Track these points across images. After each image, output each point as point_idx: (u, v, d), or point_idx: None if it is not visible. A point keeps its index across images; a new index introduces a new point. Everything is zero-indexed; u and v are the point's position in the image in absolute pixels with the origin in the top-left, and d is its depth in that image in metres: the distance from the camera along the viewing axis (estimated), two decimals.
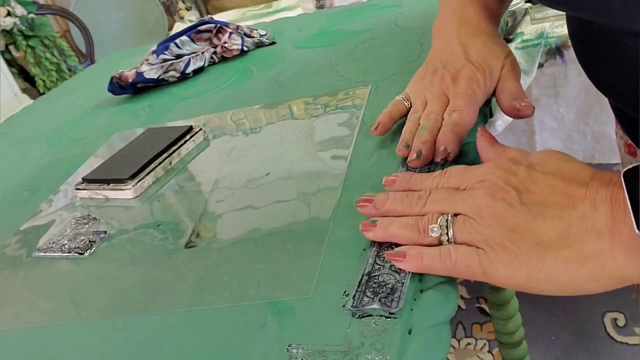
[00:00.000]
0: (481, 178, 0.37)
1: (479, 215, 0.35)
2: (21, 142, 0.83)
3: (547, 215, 0.33)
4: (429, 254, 0.36)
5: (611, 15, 0.37)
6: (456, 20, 0.54)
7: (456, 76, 0.50)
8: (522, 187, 0.35)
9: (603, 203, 0.32)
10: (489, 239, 0.34)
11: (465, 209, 0.37)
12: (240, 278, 0.41)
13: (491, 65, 0.50)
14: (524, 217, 0.34)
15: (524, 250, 0.33)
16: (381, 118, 0.51)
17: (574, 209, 0.33)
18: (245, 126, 0.65)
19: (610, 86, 0.49)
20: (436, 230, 0.37)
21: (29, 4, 2.27)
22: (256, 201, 0.50)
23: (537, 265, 0.32)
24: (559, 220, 0.33)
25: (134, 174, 0.58)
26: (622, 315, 1.30)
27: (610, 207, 0.32)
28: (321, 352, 0.33)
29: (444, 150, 0.45)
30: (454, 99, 0.49)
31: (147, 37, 2.86)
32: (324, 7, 1.55)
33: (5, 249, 0.55)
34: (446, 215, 0.37)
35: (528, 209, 0.34)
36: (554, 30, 1.24)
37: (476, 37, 0.52)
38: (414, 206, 0.39)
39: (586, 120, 1.26)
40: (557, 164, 0.36)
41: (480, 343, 1.35)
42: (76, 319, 0.43)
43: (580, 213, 0.33)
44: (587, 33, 0.48)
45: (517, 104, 0.48)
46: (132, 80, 0.84)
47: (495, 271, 0.33)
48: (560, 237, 0.32)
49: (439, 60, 0.53)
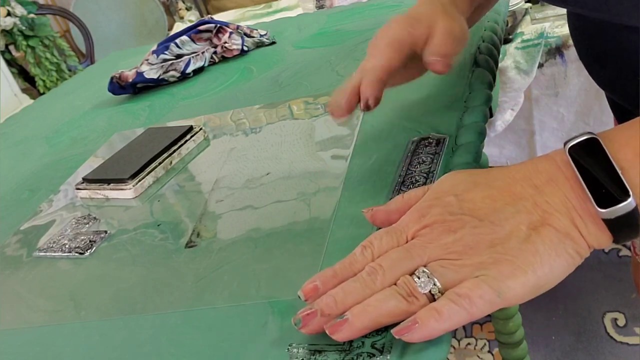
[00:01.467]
0: (421, 224, 0.35)
1: (453, 253, 0.33)
2: (21, 142, 0.83)
3: (508, 216, 0.33)
4: (442, 304, 0.31)
5: (609, 10, 0.37)
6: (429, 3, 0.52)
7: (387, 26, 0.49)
8: (467, 211, 0.34)
9: (546, 185, 0.33)
10: (480, 264, 0.32)
11: (433, 255, 0.33)
12: (240, 278, 0.41)
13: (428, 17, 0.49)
14: (492, 230, 0.33)
15: (515, 253, 0.32)
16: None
17: (523, 199, 0.33)
18: (245, 126, 0.65)
19: (611, 81, 0.49)
20: (424, 284, 0.32)
21: (29, 4, 2.27)
22: (256, 201, 0.50)
23: (535, 259, 0.32)
24: (519, 214, 0.33)
25: (134, 174, 0.58)
26: (622, 315, 1.30)
27: (556, 186, 0.33)
28: (321, 352, 0.33)
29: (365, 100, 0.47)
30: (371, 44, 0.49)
31: (147, 37, 2.86)
32: (324, 7, 1.55)
33: (5, 249, 0.55)
34: (419, 269, 0.33)
35: (489, 221, 0.33)
36: (554, 30, 1.24)
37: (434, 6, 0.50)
38: (373, 284, 0.33)
39: (586, 120, 1.26)
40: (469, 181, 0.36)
41: (480, 343, 1.35)
42: (76, 318, 0.43)
43: (531, 202, 0.33)
44: (588, 28, 0.48)
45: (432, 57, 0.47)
46: (132, 80, 0.84)
47: (507, 287, 0.31)
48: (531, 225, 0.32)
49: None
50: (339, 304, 0.33)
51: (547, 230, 0.32)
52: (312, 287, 0.35)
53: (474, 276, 0.32)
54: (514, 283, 0.31)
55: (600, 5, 0.37)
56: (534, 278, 0.32)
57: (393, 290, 0.33)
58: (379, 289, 0.33)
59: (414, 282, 0.33)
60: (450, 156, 0.48)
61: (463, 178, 0.36)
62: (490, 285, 0.31)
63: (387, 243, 0.35)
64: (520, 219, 0.33)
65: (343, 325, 0.32)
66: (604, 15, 0.38)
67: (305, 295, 0.35)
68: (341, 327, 0.32)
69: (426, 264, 0.33)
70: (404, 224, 0.36)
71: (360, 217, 0.43)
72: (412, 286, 0.32)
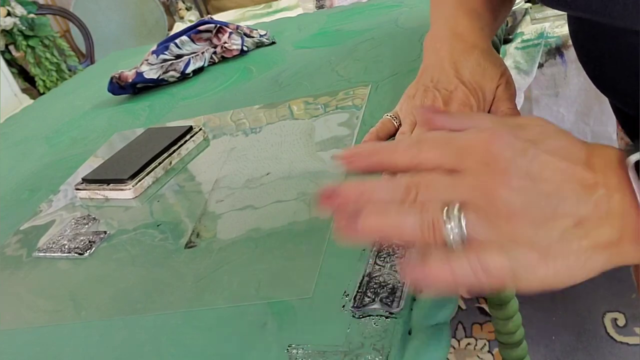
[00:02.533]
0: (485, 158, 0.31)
1: (496, 209, 0.30)
2: (21, 142, 0.83)
3: (566, 206, 0.31)
4: (458, 266, 0.30)
5: (611, 15, 0.37)
6: (449, 34, 0.52)
7: (448, 99, 0.48)
8: (535, 172, 0.31)
9: (617, 191, 0.31)
10: (512, 239, 0.30)
11: (476, 199, 0.31)
12: (240, 278, 0.41)
13: (484, 87, 0.48)
14: (543, 211, 0.31)
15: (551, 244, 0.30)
16: (367, 137, 0.49)
17: (589, 196, 0.31)
18: (245, 126, 0.65)
19: (611, 85, 0.49)
20: (451, 232, 0.30)
21: (29, 4, 2.27)
22: (256, 201, 0.50)
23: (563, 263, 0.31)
24: (577, 207, 0.31)
25: (134, 174, 0.58)
26: (622, 315, 1.30)
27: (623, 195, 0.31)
28: (321, 353, 0.33)
29: None
30: None
31: (147, 37, 2.86)
32: (324, 7, 1.55)
33: (5, 249, 0.55)
34: (453, 207, 0.31)
35: (547, 200, 0.31)
36: (554, 30, 1.24)
37: (469, 55, 0.50)
38: (405, 195, 0.32)
39: (586, 120, 1.26)
40: (556, 139, 0.33)
41: (480, 343, 1.35)
42: (76, 318, 0.43)
43: (594, 202, 0.31)
44: (588, 31, 0.48)
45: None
46: (132, 80, 0.84)
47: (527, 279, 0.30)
48: (579, 226, 0.31)
49: (429, 79, 0.50)
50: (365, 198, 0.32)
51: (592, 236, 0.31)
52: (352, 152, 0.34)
53: (502, 248, 0.30)
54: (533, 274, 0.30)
55: (602, 9, 0.37)
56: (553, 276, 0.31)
57: (417, 211, 0.31)
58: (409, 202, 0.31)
59: (442, 221, 0.31)
60: None
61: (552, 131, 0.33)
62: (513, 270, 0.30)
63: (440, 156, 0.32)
64: (577, 213, 0.31)
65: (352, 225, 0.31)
66: (606, 19, 0.38)
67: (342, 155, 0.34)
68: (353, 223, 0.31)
69: (465, 203, 0.31)
70: (465, 146, 0.32)
71: None
72: (439, 223, 0.31)
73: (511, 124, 0.34)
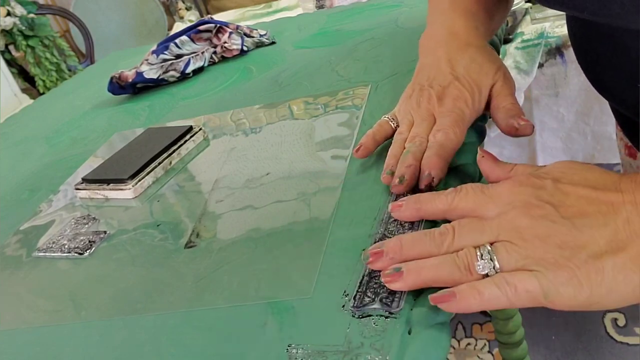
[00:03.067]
0: (508, 199, 0.35)
1: (521, 239, 0.33)
2: (21, 142, 0.83)
3: (592, 225, 0.32)
4: (486, 286, 0.32)
5: (609, 14, 0.37)
6: (445, 33, 0.52)
7: (442, 94, 0.48)
8: (556, 202, 0.33)
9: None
10: (541, 260, 0.32)
11: (503, 235, 0.33)
12: (240, 278, 0.41)
13: (480, 82, 0.48)
14: (569, 232, 0.32)
15: (580, 264, 0.31)
16: (364, 140, 0.49)
17: (617, 215, 0.32)
18: (245, 126, 0.65)
19: (610, 88, 0.49)
20: (482, 266, 0.33)
21: (29, 4, 2.27)
22: (256, 201, 0.50)
23: (597, 278, 0.30)
24: (605, 228, 0.31)
25: (134, 174, 0.58)
26: (622, 315, 1.30)
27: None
28: (321, 352, 0.33)
29: (428, 176, 0.43)
30: (440, 118, 0.47)
31: (147, 37, 2.86)
32: (324, 7, 1.55)
33: (5, 249, 0.55)
34: (485, 247, 0.34)
35: (571, 222, 0.32)
36: (554, 30, 1.24)
37: (464, 52, 0.50)
38: (440, 244, 0.35)
39: (586, 120, 1.26)
40: (581, 174, 0.34)
41: (480, 343, 1.35)
42: (76, 318, 0.43)
43: (624, 218, 0.31)
44: (587, 33, 0.48)
45: (515, 123, 0.45)
46: (132, 80, 0.84)
47: (557, 293, 0.31)
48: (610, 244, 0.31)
49: (425, 78, 0.51)
50: (404, 250, 0.35)
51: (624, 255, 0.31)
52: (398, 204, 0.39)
53: (530, 269, 0.32)
54: (565, 291, 0.31)
55: (600, 9, 0.37)
56: (586, 294, 0.31)
57: (451, 258, 0.34)
58: (444, 250, 0.35)
59: (475, 258, 0.33)
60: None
61: (577, 168, 0.35)
62: (541, 283, 0.31)
63: (473, 202, 0.36)
64: (604, 233, 0.31)
65: (396, 277, 0.34)
66: (603, 18, 0.38)
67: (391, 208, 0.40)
68: (395, 278, 0.34)
69: (494, 241, 0.34)
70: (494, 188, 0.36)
71: (360, 217, 0.43)
72: (472, 262, 0.33)
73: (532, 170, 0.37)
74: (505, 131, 0.46)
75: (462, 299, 0.32)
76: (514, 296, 0.31)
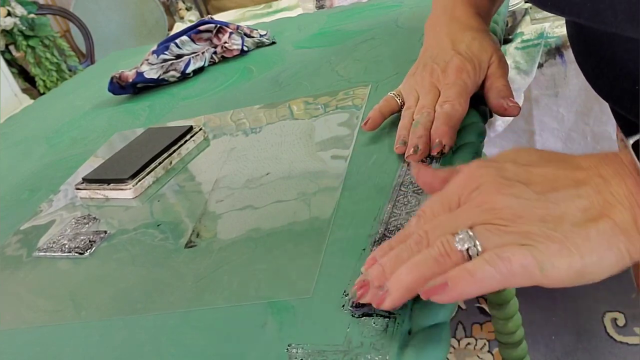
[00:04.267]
0: (474, 184, 0.33)
1: (500, 218, 0.31)
2: (21, 142, 0.84)
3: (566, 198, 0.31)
4: (476, 265, 0.30)
5: (603, 21, 0.37)
6: (446, 18, 0.56)
7: (445, 67, 0.51)
8: (524, 180, 0.32)
9: (613, 177, 0.31)
10: (527, 234, 0.30)
11: (480, 219, 0.32)
12: (240, 278, 0.41)
13: (480, 57, 0.52)
14: (546, 206, 0.31)
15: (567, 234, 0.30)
16: (371, 114, 0.53)
17: (587, 186, 0.31)
18: (245, 126, 0.65)
19: (609, 90, 0.49)
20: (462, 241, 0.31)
21: (29, 4, 2.27)
22: (256, 201, 0.50)
23: (586, 245, 0.30)
24: (579, 199, 0.31)
25: (134, 174, 0.58)
26: (622, 315, 1.30)
27: (622, 180, 0.31)
28: (321, 352, 0.33)
29: (439, 143, 0.46)
30: (444, 90, 0.50)
31: (147, 37, 2.86)
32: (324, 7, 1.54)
33: (5, 249, 0.55)
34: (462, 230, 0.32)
35: (545, 197, 0.31)
36: (554, 30, 1.24)
37: (465, 32, 0.54)
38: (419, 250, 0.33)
39: (586, 120, 1.26)
40: (536, 155, 0.34)
41: (480, 343, 1.35)
42: (76, 318, 0.43)
43: (594, 189, 0.31)
44: (585, 36, 0.48)
45: (505, 103, 0.49)
46: (132, 80, 0.84)
47: (552, 265, 0.29)
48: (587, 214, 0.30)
49: (429, 56, 0.54)
50: (387, 273, 0.33)
51: (605, 221, 0.30)
52: (371, 259, 0.35)
53: (519, 244, 0.30)
54: (559, 262, 0.30)
55: (594, 16, 0.37)
56: (580, 263, 0.30)
57: (427, 252, 0.32)
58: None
59: (452, 239, 0.31)
60: (450, 156, 0.48)
61: (528, 151, 0.35)
62: (534, 257, 0.30)
63: (438, 209, 0.34)
64: (579, 204, 0.31)
65: (383, 296, 0.32)
66: (598, 25, 0.38)
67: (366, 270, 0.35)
68: (382, 298, 0.32)
69: (471, 226, 0.32)
70: (453, 188, 0.34)
71: (360, 217, 0.43)
72: (448, 245, 0.31)
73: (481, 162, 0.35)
74: (494, 109, 0.50)
75: (454, 286, 0.30)
76: (508, 272, 0.30)
